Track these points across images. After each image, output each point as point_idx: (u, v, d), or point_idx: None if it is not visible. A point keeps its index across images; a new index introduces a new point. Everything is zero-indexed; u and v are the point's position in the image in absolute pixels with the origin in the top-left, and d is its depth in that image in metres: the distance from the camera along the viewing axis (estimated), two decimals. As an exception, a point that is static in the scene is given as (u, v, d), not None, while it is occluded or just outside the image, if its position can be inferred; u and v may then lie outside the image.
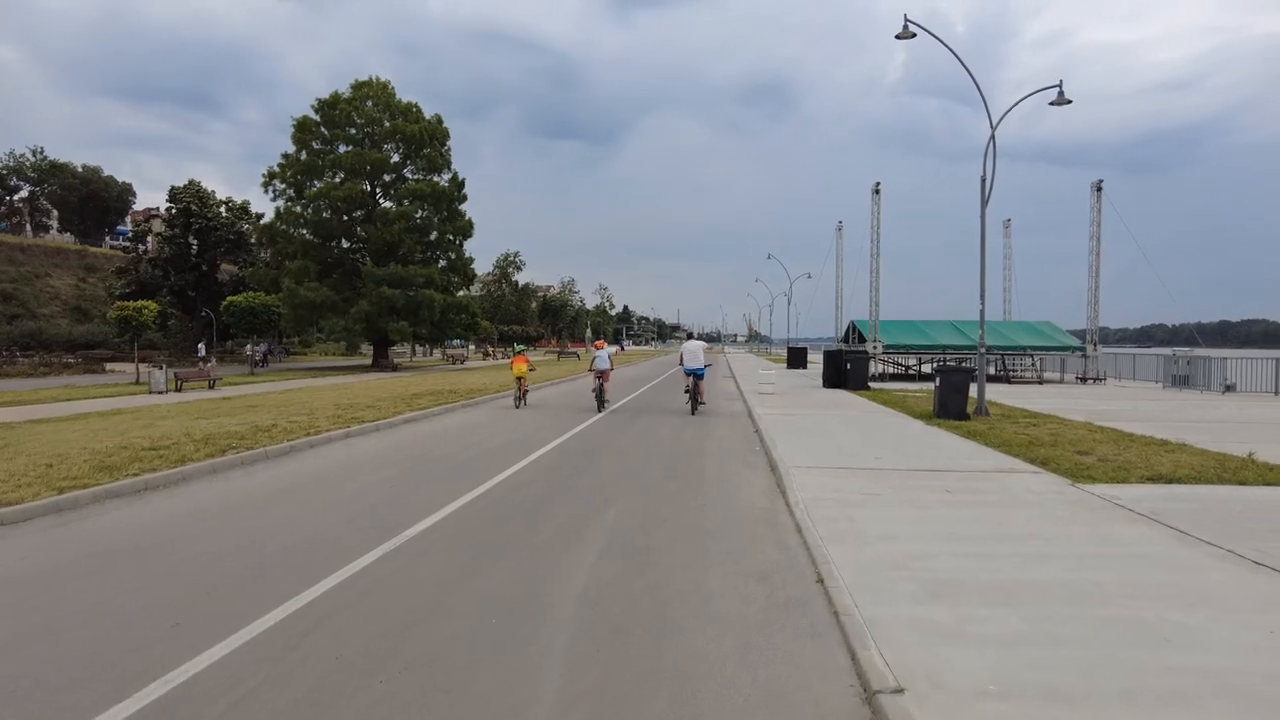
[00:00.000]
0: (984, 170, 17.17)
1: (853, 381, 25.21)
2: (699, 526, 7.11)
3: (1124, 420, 15.81)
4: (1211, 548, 6.12)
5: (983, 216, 17.36)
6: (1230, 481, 8.95)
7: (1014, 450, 11.43)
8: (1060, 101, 17.07)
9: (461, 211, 51.83)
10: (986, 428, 14.18)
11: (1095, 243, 30.57)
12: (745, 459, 11.30)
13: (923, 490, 8.42)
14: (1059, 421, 15.43)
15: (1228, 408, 19.59)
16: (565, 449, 12.19)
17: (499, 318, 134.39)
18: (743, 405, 20.21)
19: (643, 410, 20.47)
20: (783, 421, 15.23)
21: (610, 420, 17.15)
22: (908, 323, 34.39)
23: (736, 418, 17.38)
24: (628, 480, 9.48)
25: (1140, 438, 12.74)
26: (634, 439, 13.56)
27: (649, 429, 15.15)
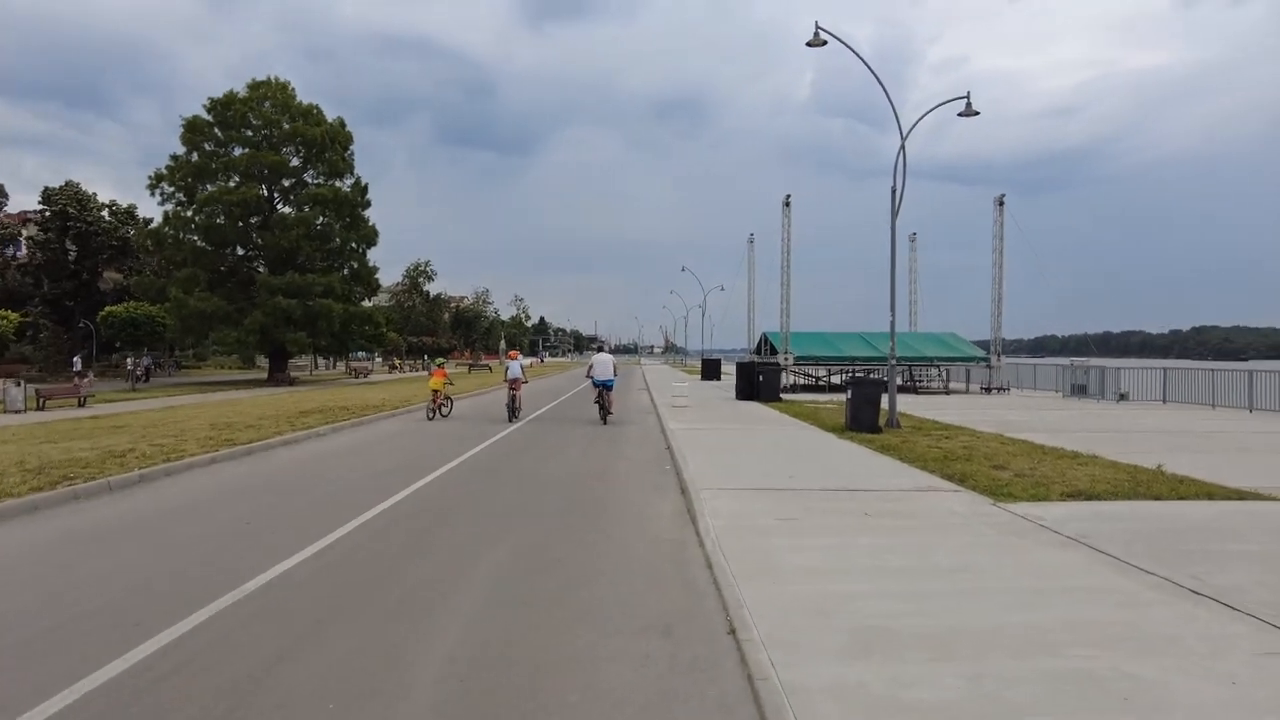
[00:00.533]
0: (894, 181, 17.04)
1: (765, 393, 24.90)
2: (598, 567, 6.27)
3: (1032, 431, 15.82)
4: (1148, 576, 5.66)
5: (893, 228, 17.22)
6: (1146, 496, 8.71)
7: (929, 465, 11.05)
8: (968, 113, 17.10)
9: (365, 218, 49.74)
10: (899, 441, 13.86)
11: (998, 255, 31.33)
12: (655, 480, 10.53)
13: (841, 513, 7.81)
14: (970, 433, 15.29)
15: (1126, 416, 20.05)
16: (460, 472, 11.17)
17: (409, 329, 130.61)
18: (655, 420, 19.52)
19: (555, 421, 19.63)
20: (695, 437, 14.57)
21: (519, 434, 16.20)
22: (817, 334, 34.53)
23: (648, 433, 16.65)
24: (523, 510, 8.56)
25: (1052, 450, 12.60)
26: (539, 458, 12.65)
27: (557, 445, 14.26)
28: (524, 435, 16.36)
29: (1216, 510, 8.02)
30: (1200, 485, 9.32)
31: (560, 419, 20.62)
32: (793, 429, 16.24)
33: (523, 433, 16.89)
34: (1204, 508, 8.14)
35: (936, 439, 14.27)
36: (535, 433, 16.86)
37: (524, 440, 15.33)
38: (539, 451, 13.64)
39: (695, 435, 14.90)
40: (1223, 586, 5.39)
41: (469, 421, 19.46)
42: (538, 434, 16.67)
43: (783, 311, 30.66)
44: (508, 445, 14.43)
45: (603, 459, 12.68)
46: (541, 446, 14.45)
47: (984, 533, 7.04)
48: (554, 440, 15.44)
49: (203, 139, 45.13)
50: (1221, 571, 5.76)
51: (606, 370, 18.78)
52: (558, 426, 18.27)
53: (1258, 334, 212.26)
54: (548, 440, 15.60)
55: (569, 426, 18.31)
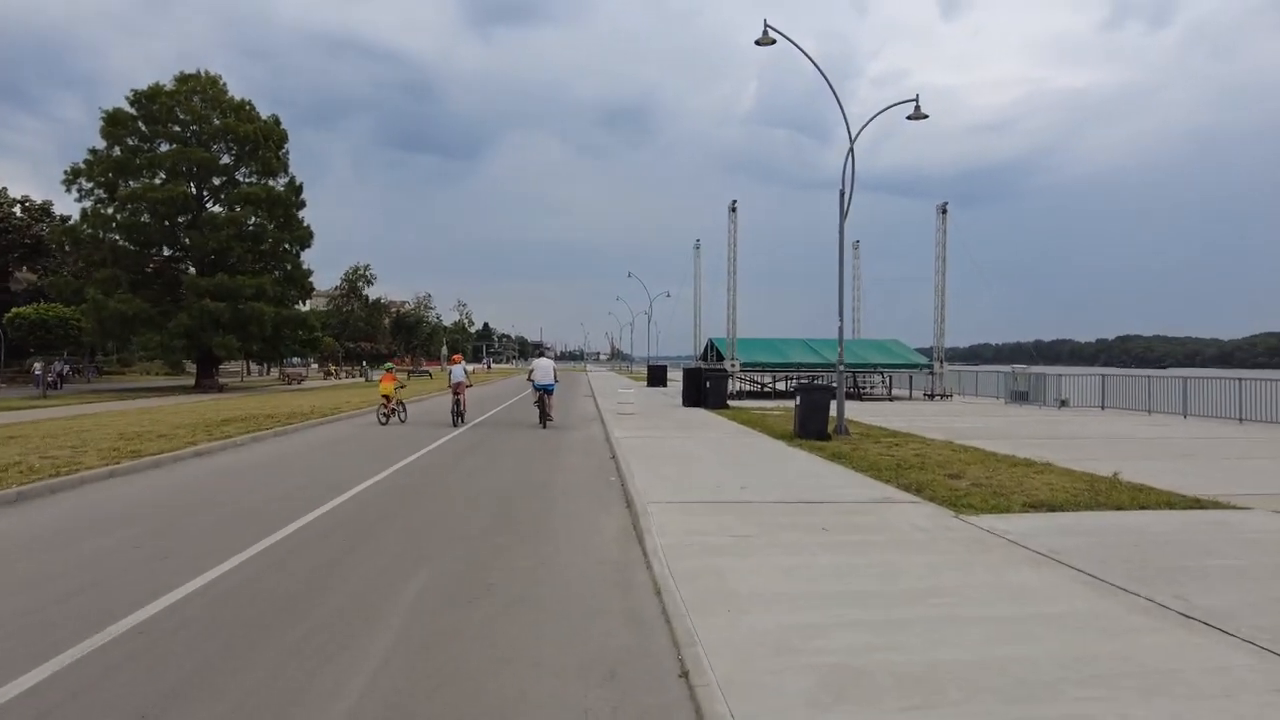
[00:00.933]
0: (843, 184, 16.75)
1: (712, 400, 24.45)
2: (533, 596, 5.58)
3: (981, 438, 15.63)
4: (1131, 597, 5.23)
5: (841, 231, 16.92)
6: (1107, 506, 8.40)
7: (883, 474, 10.64)
8: (917, 115, 16.92)
9: (300, 219, 47.98)
10: (850, 449, 13.48)
11: (941, 263, 31.55)
12: (599, 493, 9.87)
13: (798, 529, 7.27)
14: (920, 440, 15.02)
15: (1069, 422, 20.14)
16: (388, 485, 10.34)
17: (347, 334, 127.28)
18: (600, 427, 18.85)
19: (498, 426, 18.88)
20: (641, 445, 13.96)
21: (459, 441, 15.37)
22: (763, 340, 34.32)
23: (593, 441, 15.98)
24: (452, 528, 7.81)
25: (1005, 458, 12.34)
26: (475, 468, 11.87)
27: (497, 453, 13.49)
28: (464, 442, 15.53)
29: (1181, 521, 7.72)
30: (1158, 493, 9.07)
31: (504, 424, 19.83)
32: (742, 436, 15.76)
33: (463, 439, 16.06)
34: (1168, 518, 7.85)
35: (887, 446, 13.94)
36: (476, 439, 16.05)
37: (462, 448, 14.51)
38: (476, 460, 12.86)
39: (642, 443, 14.29)
40: (1211, 609, 4.98)
41: (409, 428, 18.53)
42: (478, 441, 15.87)
43: (729, 318, 30.36)
44: (443, 454, 13.60)
45: (544, 469, 11.97)
46: (480, 454, 13.66)
47: (950, 549, 6.57)
48: (494, 448, 14.66)
49: (125, 133, 42.93)
50: (1206, 591, 5.37)
51: (547, 375, 19.00)
52: (500, 432, 17.49)
53: (1176, 343, 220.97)
54: (488, 448, 14.81)
55: (511, 432, 17.54)
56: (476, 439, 16.49)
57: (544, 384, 18.84)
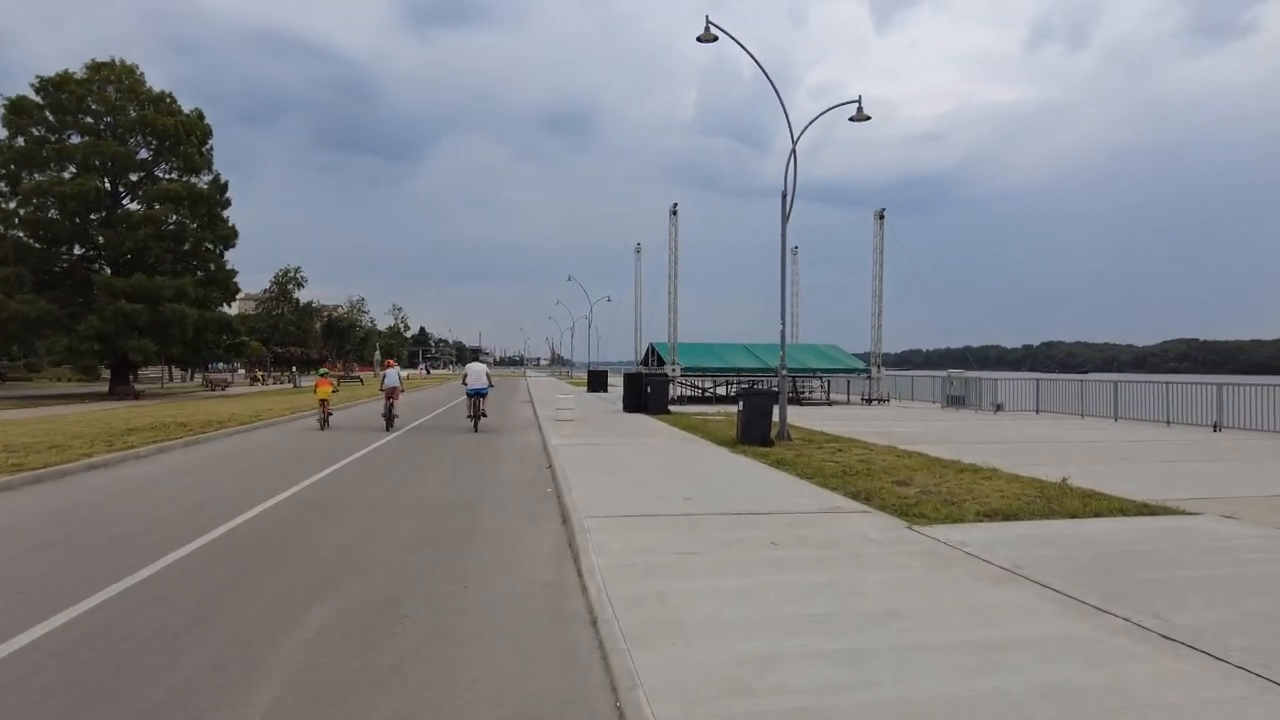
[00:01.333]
0: (785, 186, 16.45)
1: (653, 405, 23.95)
2: (453, 629, 4.92)
3: (923, 443, 15.46)
4: (1106, 617, 4.85)
5: (784, 234, 16.62)
6: (1061, 514, 8.14)
7: (830, 482, 10.25)
8: (859, 117, 16.74)
9: (224, 218, 45.90)
10: (794, 455, 13.10)
11: (878, 269, 31.74)
12: (532, 507, 9.20)
13: (746, 544, 6.76)
14: (863, 446, 14.76)
15: (1007, 427, 20.24)
16: (303, 499, 9.49)
17: (276, 338, 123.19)
18: (537, 434, 18.14)
19: (430, 433, 18.09)
20: (580, 454, 13.32)
21: (387, 448, 14.49)
22: (703, 345, 34.04)
23: (528, 449, 15.27)
24: (368, 550, 7.07)
25: (950, 463, 12.11)
26: (402, 478, 11.08)
27: (426, 462, 12.69)
28: (393, 450, 14.66)
29: (1137, 529, 7.46)
30: (1109, 499, 8.87)
31: (437, 429, 18.99)
32: (683, 443, 15.26)
33: (392, 447, 15.18)
34: (1125, 526, 7.59)
35: (830, 452, 13.62)
36: (406, 447, 15.18)
37: (390, 456, 13.64)
38: (404, 470, 12.04)
39: (580, 452, 13.66)
40: (1192, 628, 4.62)
41: (336, 434, 17.52)
42: (408, 448, 15.01)
43: (670, 322, 29.93)
44: (369, 463, 12.73)
45: (475, 480, 11.23)
46: (409, 463, 12.84)
47: (909, 565, 6.13)
48: (425, 456, 13.84)
49: (30, 122, 40.36)
50: (1180, 608, 5.02)
51: (480, 379, 19.35)
52: (432, 439, 16.65)
53: (1096, 349, 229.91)
54: (418, 456, 13.98)
55: (444, 439, 16.71)
56: (406, 446, 15.62)
57: (476, 388, 19.13)
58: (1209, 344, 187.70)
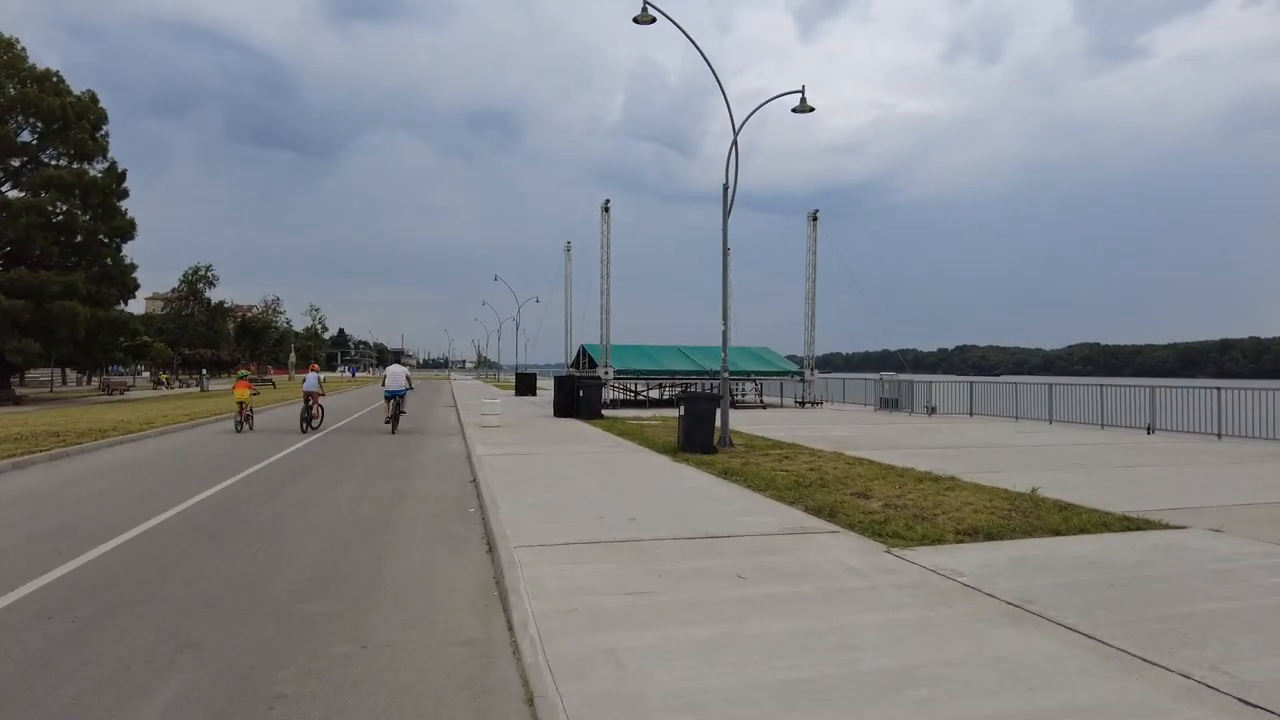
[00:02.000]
0: (726, 178, 15.58)
1: (585, 410, 22.80)
2: (341, 715, 3.71)
3: (868, 448, 14.80)
4: (1164, 675, 3.97)
5: (724, 229, 15.75)
6: (1043, 530, 7.40)
7: (785, 495, 9.34)
8: (803, 109, 15.99)
9: (121, 209, 42.70)
10: (740, 464, 12.19)
11: (811, 270, 31.35)
12: (453, 530, 7.97)
13: (708, 578, 5.72)
14: (809, 453, 13.97)
15: (946, 430, 19.85)
16: (183, 523, 8.02)
17: (186, 340, 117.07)
18: (461, 442, 16.78)
19: (343, 438, 16.49)
20: (508, 464, 12.09)
21: (294, 459, 12.98)
22: (636, 347, 33.10)
23: (451, 459, 13.93)
24: (244, 593, 5.74)
25: (905, 471, 11.37)
26: (304, 495, 9.66)
27: (335, 474, 11.27)
28: (299, 460, 13.16)
29: (1134, 549, 6.73)
30: (1087, 513, 8.18)
31: (356, 432, 17.44)
32: (622, 452, 14.17)
33: (300, 456, 13.67)
34: (1118, 545, 6.86)
35: (777, 460, 12.76)
36: (314, 456, 13.66)
37: (295, 468, 12.14)
38: (308, 484, 10.61)
39: (508, 462, 12.42)
40: (1264, 685, 3.79)
41: (246, 440, 15.81)
42: (317, 457, 13.51)
43: (602, 323, 28.82)
44: (270, 477, 11.23)
45: (388, 496, 9.90)
46: (315, 476, 11.40)
47: (903, 602, 5.19)
48: (334, 467, 12.39)
49: (-109, 100, 36.64)
50: (1235, 655, 4.20)
51: (399, 380, 19.48)
52: (346, 447, 15.15)
53: (1007, 352, 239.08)
54: (328, 465, 12.53)
55: (359, 446, 15.24)
56: (317, 453, 14.10)
57: (395, 389, 19.31)
58: (1110, 348, 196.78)
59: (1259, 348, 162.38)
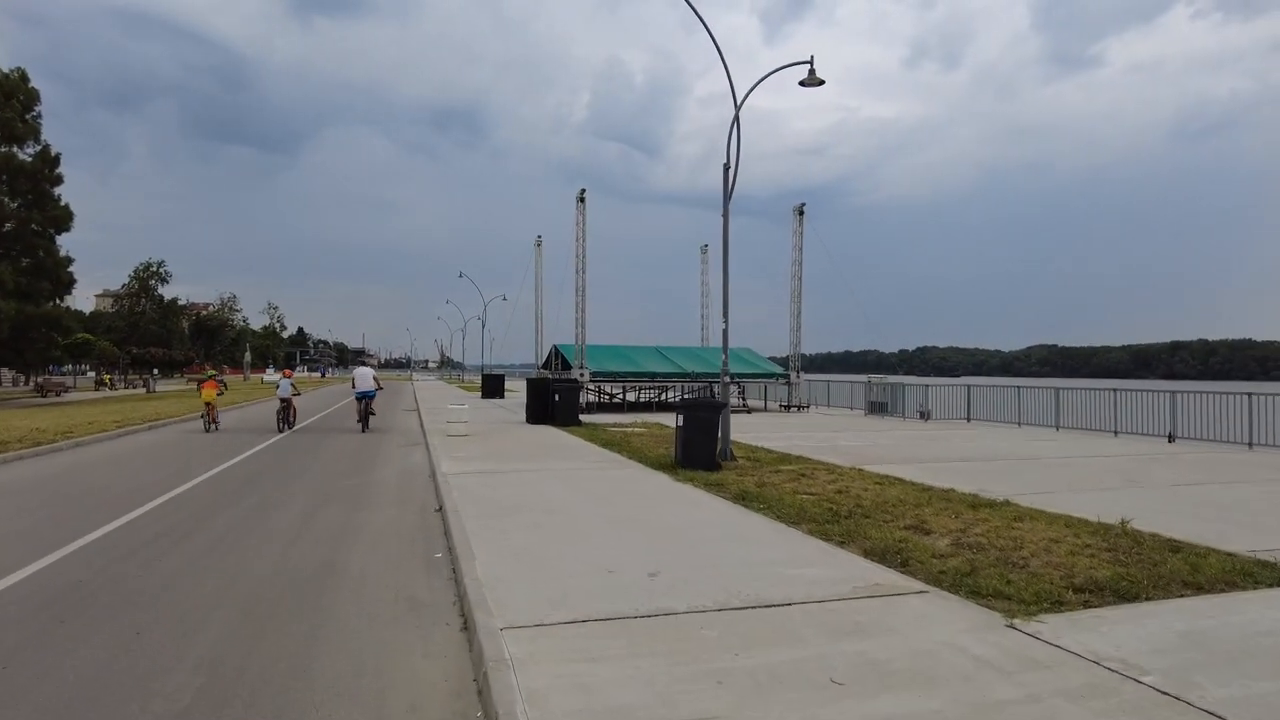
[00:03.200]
0: (727, 156, 13.85)
1: (562, 416, 20.89)
2: None
3: (885, 461, 13.20)
4: None
5: (725, 214, 14.02)
6: (1176, 584, 5.81)
7: (827, 530, 7.64)
8: (811, 81, 14.31)
9: (55, 196, 39.78)
10: (754, 484, 10.47)
11: (797, 267, 29.79)
12: (414, 592, 6.06)
13: (789, 683, 3.93)
14: (825, 469, 12.30)
15: (955, 438, 18.33)
16: (63, 573, 6.03)
17: (136, 338, 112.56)
18: (424, 456, 14.80)
19: (304, 437, 14.35)
20: (481, 487, 10.19)
21: (239, 470, 10.89)
22: (612, 348, 31.21)
23: (412, 479, 11.98)
24: (118, 699, 3.83)
25: (948, 494, 9.74)
26: (228, 532, 7.68)
27: (271, 498, 9.27)
28: (240, 474, 11.16)
29: (1323, 616, 5.10)
30: (1211, 556, 6.57)
31: (315, 432, 15.32)
32: (612, 467, 12.34)
33: (243, 469, 11.66)
34: (1299, 611, 5.22)
35: (794, 479, 11.06)
36: (258, 471, 11.63)
37: (232, 487, 10.12)
38: (240, 513, 8.63)
39: (481, 484, 10.52)
40: None
41: (189, 448, 13.63)
42: (260, 473, 11.49)
43: (577, 321, 26.90)
44: (199, 499, 9.21)
45: (333, 532, 7.96)
46: (251, 499, 9.41)
47: (1098, 733, 3.45)
48: (276, 486, 10.38)
49: None
50: None
51: (367, 382, 20.11)
52: (295, 458, 13.12)
53: (966, 353, 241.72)
54: (268, 485, 10.53)
55: (311, 457, 13.22)
56: (258, 469, 12.10)
57: (364, 390, 19.91)
58: (1066, 349, 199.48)
59: (1206, 349, 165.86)
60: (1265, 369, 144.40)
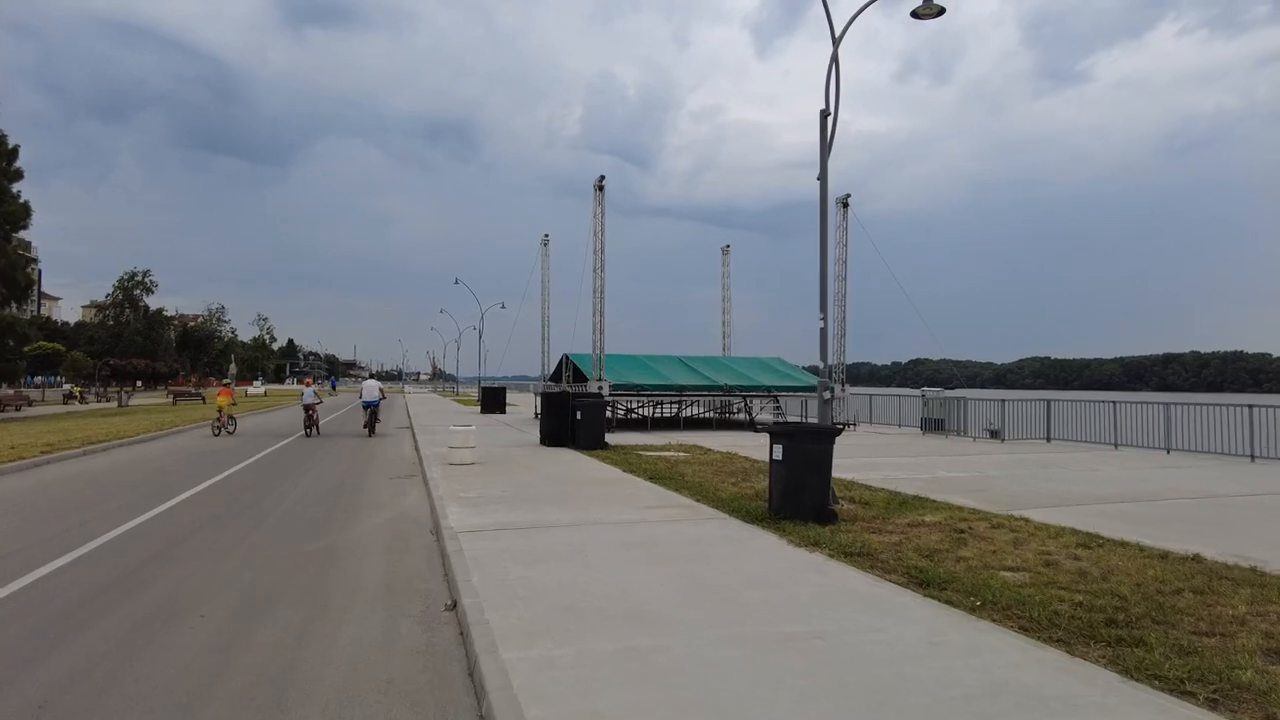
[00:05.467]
0: (826, 102, 10.51)
1: (585, 438, 17.40)
2: None
3: (1029, 505, 9.92)
4: None
5: (824, 167, 10.67)
6: None
7: (1141, 661, 4.33)
8: (928, 10, 10.99)
9: (12, 191, 36.25)
10: (916, 555, 7.17)
11: (843, 265, 26.48)
12: None
13: None
14: (973, 516, 9.06)
15: (1073, 466, 14.91)
16: None
17: (119, 349, 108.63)
18: (421, 495, 11.36)
19: (250, 485, 10.89)
20: (512, 565, 6.71)
21: (150, 536, 7.41)
22: (630, 357, 27.79)
23: (407, 538, 8.51)
24: None
25: (1214, 569, 6.38)
26: (142, 620, 4.28)
27: (192, 587, 5.81)
28: (159, 539, 7.63)
29: None
30: None
31: (277, 464, 11.85)
32: (689, 522, 8.87)
33: (161, 531, 8.13)
34: None
35: (949, 536, 7.82)
36: (186, 531, 8.15)
37: (132, 563, 6.67)
38: (118, 626, 5.21)
39: (511, 557, 7.03)
40: None
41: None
42: (188, 534, 7.99)
43: (595, 325, 23.43)
44: (114, 561, 5.79)
45: (268, 686, 4.56)
46: (148, 597, 5.95)
47: None
48: (204, 560, 6.92)
49: None
50: None
51: (373, 392, 23.10)
52: (244, 506, 9.63)
53: (960, 366, 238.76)
54: (186, 561, 7.03)
55: (265, 505, 9.74)
56: (186, 528, 8.58)
57: (370, 400, 22.85)
58: (1058, 362, 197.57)
59: (1199, 361, 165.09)
60: (1257, 381, 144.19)
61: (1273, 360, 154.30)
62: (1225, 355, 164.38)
